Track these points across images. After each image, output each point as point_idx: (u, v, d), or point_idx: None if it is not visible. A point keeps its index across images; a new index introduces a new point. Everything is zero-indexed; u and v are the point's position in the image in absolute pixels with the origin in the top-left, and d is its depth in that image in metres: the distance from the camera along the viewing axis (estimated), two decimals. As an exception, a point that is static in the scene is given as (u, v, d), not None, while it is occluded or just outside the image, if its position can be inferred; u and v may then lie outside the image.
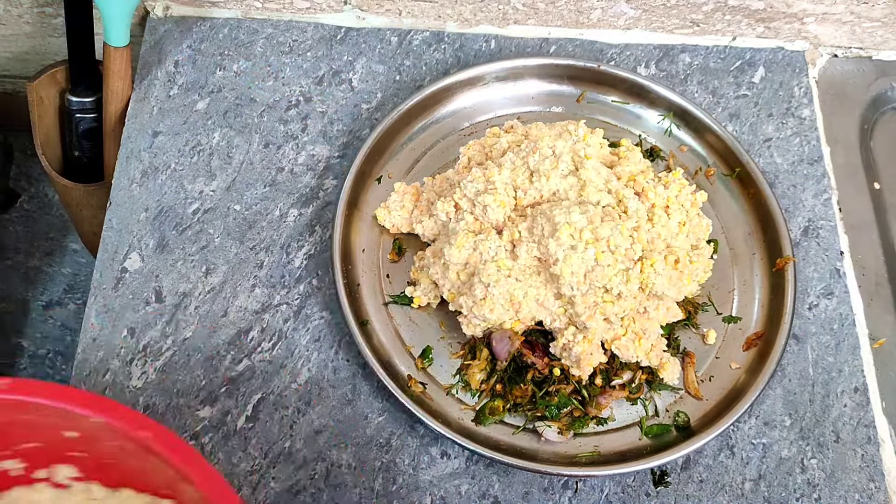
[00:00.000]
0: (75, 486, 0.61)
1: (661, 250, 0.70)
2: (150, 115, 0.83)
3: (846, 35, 0.90)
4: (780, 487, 0.71)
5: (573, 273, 0.66)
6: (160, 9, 0.88)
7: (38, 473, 0.60)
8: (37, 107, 0.89)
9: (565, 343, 0.69)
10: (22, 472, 0.60)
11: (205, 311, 0.74)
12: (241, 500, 0.53)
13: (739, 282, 0.77)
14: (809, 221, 0.82)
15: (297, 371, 0.72)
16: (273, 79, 0.85)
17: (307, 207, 0.79)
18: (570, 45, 0.89)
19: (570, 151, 0.71)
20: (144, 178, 0.80)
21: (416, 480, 0.69)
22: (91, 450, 0.58)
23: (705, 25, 0.89)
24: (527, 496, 0.69)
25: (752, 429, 0.73)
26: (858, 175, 0.86)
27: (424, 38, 0.89)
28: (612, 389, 0.71)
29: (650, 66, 0.89)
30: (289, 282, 0.76)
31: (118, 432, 0.54)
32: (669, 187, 0.72)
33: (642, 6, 0.86)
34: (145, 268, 0.76)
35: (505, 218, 0.71)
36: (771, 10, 0.86)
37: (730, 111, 0.87)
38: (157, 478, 0.56)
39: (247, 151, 0.82)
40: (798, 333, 0.77)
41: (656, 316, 0.71)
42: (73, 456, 0.59)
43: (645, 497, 0.70)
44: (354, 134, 0.83)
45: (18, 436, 0.58)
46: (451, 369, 0.72)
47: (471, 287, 0.69)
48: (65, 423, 0.55)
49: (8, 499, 0.61)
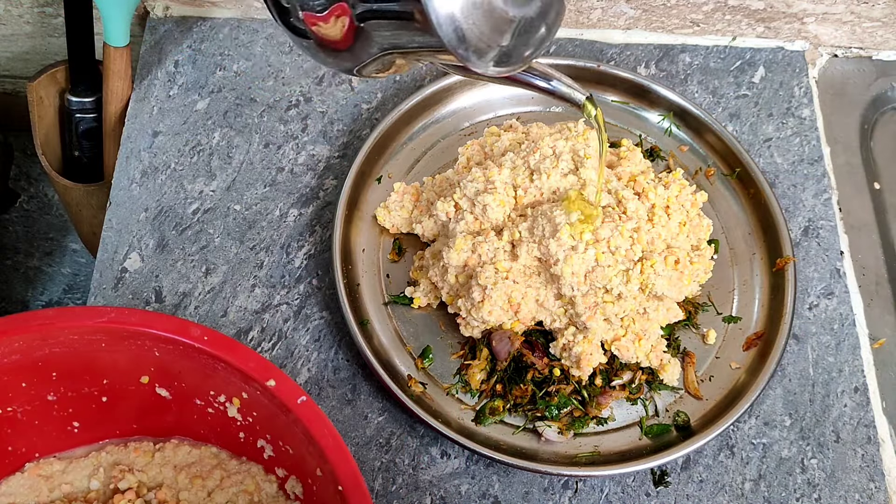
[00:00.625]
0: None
1: (661, 251, 0.70)
2: (150, 115, 0.83)
3: (846, 35, 0.90)
4: (780, 487, 0.71)
5: (573, 273, 0.66)
6: (160, 9, 0.88)
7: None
8: (37, 107, 0.89)
9: (565, 343, 0.69)
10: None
11: (205, 311, 0.74)
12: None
13: (739, 282, 0.77)
14: (809, 221, 0.82)
15: (297, 371, 0.72)
16: (273, 79, 0.85)
17: (307, 207, 0.79)
18: (570, 45, 0.89)
19: (570, 151, 0.71)
20: (144, 178, 0.80)
21: (415, 480, 0.69)
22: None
23: (705, 25, 0.89)
24: (527, 496, 0.69)
25: (752, 429, 0.73)
26: (858, 175, 0.86)
27: (424, 38, 0.88)
28: (612, 390, 0.71)
29: (650, 66, 0.89)
30: (289, 282, 0.76)
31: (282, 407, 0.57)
32: (670, 188, 0.72)
33: (642, 6, 0.86)
34: (145, 268, 0.76)
35: (505, 218, 0.71)
36: (771, 10, 0.86)
37: (730, 111, 0.87)
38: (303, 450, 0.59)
39: (247, 151, 0.82)
40: (798, 333, 0.77)
41: (656, 317, 0.71)
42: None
43: (645, 497, 0.70)
44: (354, 134, 0.83)
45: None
46: (451, 369, 0.72)
47: (469, 290, 0.69)
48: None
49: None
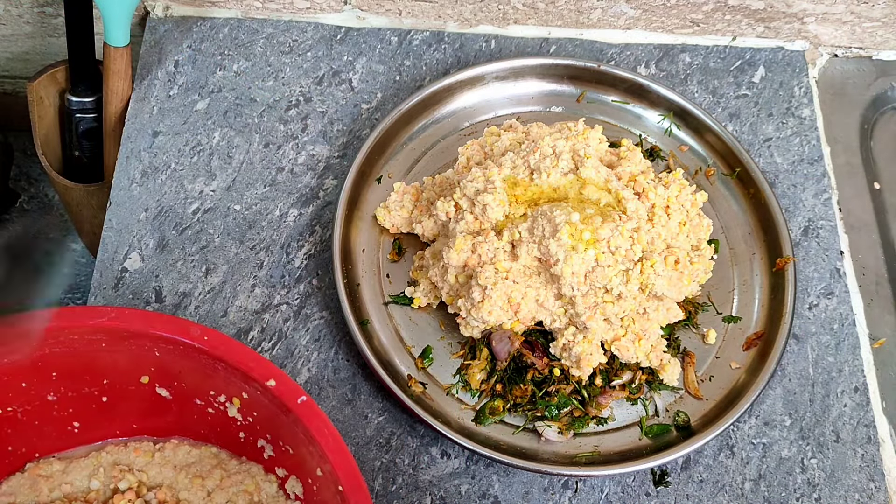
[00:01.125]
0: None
1: (661, 251, 0.70)
2: (150, 115, 0.83)
3: (846, 35, 0.90)
4: (780, 487, 0.71)
5: (574, 273, 0.66)
6: (160, 9, 0.88)
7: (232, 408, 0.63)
8: (37, 107, 0.89)
9: (565, 343, 0.69)
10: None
11: (205, 311, 0.74)
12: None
13: (739, 282, 0.77)
14: (809, 221, 0.82)
15: (297, 371, 0.72)
16: (273, 79, 0.85)
17: (307, 207, 0.79)
18: (571, 44, 0.89)
19: (570, 150, 0.71)
20: (144, 178, 0.80)
21: (415, 480, 0.69)
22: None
23: (705, 25, 0.89)
24: (527, 496, 0.69)
25: (752, 429, 0.73)
26: (858, 175, 0.86)
27: (424, 38, 0.89)
28: (612, 390, 0.71)
29: (650, 65, 0.89)
30: (289, 282, 0.76)
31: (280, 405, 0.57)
32: (670, 187, 0.72)
33: (642, 6, 0.86)
34: (145, 268, 0.76)
35: (504, 217, 0.71)
36: (771, 9, 0.86)
37: (730, 111, 0.87)
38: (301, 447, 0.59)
39: (247, 151, 0.82)
40: (798, 333, 0.77)
41: (656, 317, 0.71)
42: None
43: (645, 497, 0.70)
44: (354, 134, 0.83)
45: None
46: (451, 369, 0.72)
47: (469, 290, 0.69)
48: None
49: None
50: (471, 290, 0.69)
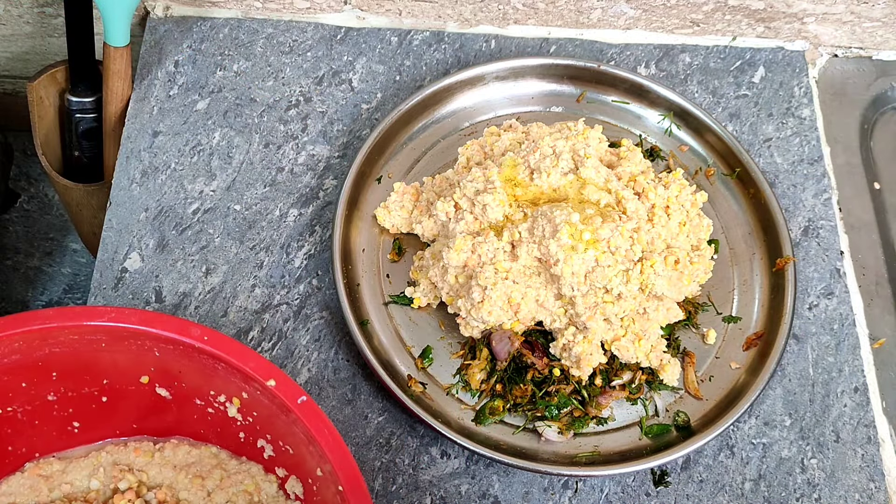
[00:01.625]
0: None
1: (661, 251, 0.70)
2: (150, 115, 0.83)
3: (846, 35, 0.90)
4: (780, 487, 0.71)
5: (574, 274, 0.66)
6: (160, 9, 0.88)
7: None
8: (37, 107, 0.89)
9: (565, 343, 0.69)
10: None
11: (205, 311, 0.74)
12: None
13: (739, 282, 0.77)
14: (809, 221, 0.82)
15: (297, 371, 0.72)
16: (273, 79, 0.85)
17: (307, 207, 0.79)
18: (571, 44, 0.89)
19: (570, 150, 0.71)
20: (144, 178, 0.80)
21: (415, 480, 0.69)
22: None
23: (705, 25, 0.89)
24: (527, 496, 0.69)
25: (752, 429, 0.73)
26: (858, 175, 0.86)
27: (424, 38, 0.89)
28: (612, 390, 0.71)
29: (650, 66, 0.89)
30: (289, 282, 0.76)
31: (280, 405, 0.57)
32: (670, 187, 0.72)
33: (642, 6, 0.86)
34: (145, 268, 0.76)
35: (504, 217, 0.71)
36: (771, 9, 0.86)
37: (730, 111, 0.87)
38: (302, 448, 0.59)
39: (247, 151, 0.82)
40: (798, 333, 0.77)
41: (656, 317, 0.71)
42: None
43: (645, 497, 0.70)
44: (354, 134, 0.83)
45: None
46: (451, 369, 0.72)
47: (469, 290, 0.69)
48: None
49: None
50: (471, 290, 0.69)
